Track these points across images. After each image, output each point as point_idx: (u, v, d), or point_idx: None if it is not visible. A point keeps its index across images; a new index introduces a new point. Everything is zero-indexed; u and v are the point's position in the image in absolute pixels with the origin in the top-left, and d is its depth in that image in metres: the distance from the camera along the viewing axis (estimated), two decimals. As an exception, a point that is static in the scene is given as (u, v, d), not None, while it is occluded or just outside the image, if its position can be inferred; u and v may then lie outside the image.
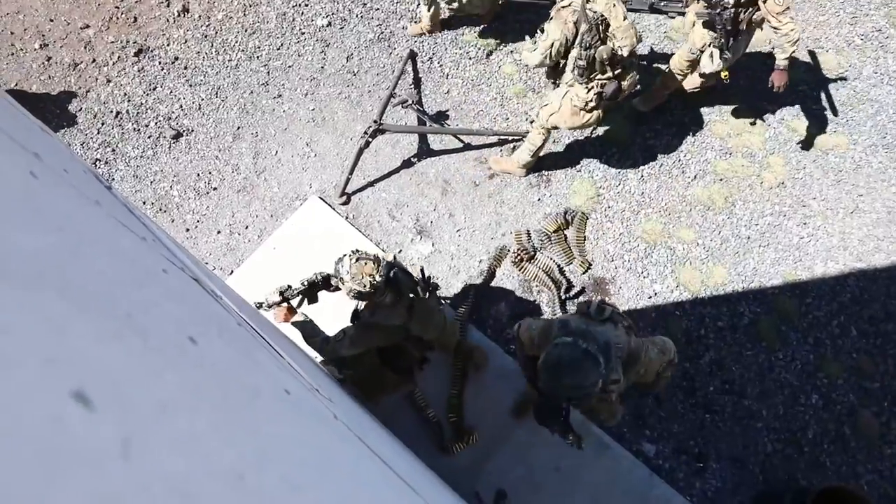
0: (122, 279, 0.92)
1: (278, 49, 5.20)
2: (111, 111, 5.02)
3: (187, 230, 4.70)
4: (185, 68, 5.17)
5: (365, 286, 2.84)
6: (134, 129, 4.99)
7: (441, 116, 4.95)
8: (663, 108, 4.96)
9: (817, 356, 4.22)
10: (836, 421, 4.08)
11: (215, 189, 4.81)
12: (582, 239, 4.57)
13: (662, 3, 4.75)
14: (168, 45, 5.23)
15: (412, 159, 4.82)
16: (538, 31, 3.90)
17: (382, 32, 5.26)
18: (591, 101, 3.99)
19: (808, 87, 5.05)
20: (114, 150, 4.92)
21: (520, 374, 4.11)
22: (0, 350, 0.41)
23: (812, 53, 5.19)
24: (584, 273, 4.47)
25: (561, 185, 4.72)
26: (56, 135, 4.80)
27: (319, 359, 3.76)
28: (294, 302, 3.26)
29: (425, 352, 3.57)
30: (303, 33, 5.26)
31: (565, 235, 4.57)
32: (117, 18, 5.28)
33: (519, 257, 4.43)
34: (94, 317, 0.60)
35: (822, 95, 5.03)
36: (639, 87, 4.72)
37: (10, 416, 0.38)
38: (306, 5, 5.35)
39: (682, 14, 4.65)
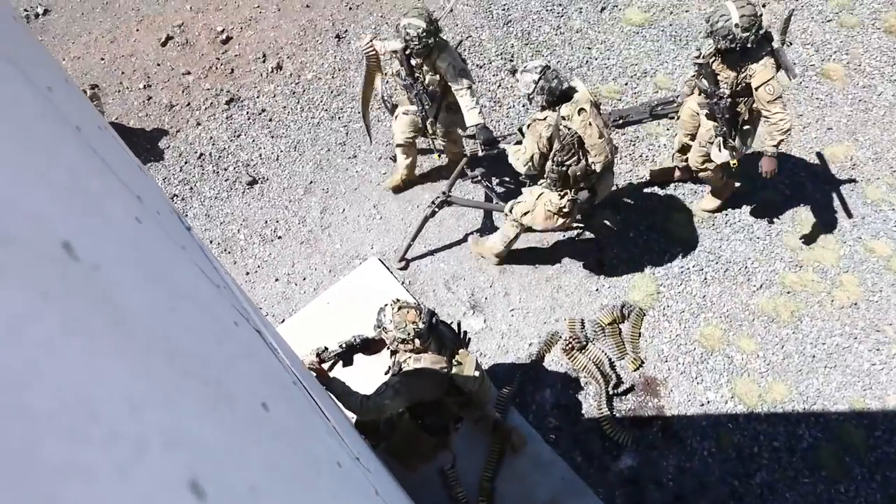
0: (207, 336, 0.92)
1: (359, 113, 5.41)
2: (196, 152, 5.28)
3: (247, 273, 4.81)
4: (270, 120, 5.42)
5: (409, 333, 2.87)
6: (213, 170, 5.22)
7: (509, 195, 4.99)
8: (733, 212, 4.89)
9: (885, 497, 3.91)
10: (899, 572, 3.74)
11: (280, 238, 4.94)
12: (637, 335, 4.45)
13: (660, 108, 4.72)
14: (258, 97, 5.52)
15: (475, 234, 4.85)
16: (519, 131, 4.01)
17: (461, 108, 5.42)
18: (565, 207, 4.01)
19: (891, 208, 4.90)
20: (191, 189, 5.14)
21: (556, 466, 3.95)
22: (137, 434, 0.41)
23: None
24: (635, 370, 4.33)
25: (621, 278, 4.65)
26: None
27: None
28: (326, 365, 3.25)
29: (462, 409, 3.46)
30: (384, 100, 5.47)
31: (620, 329, 4.46)
32: (216, 69, 5.63)
33: (570, 345, 4.34)
34: (194, 386, 0.59)
35: (903, 219, 4.88)
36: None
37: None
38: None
39: (652, 112, 4.73)
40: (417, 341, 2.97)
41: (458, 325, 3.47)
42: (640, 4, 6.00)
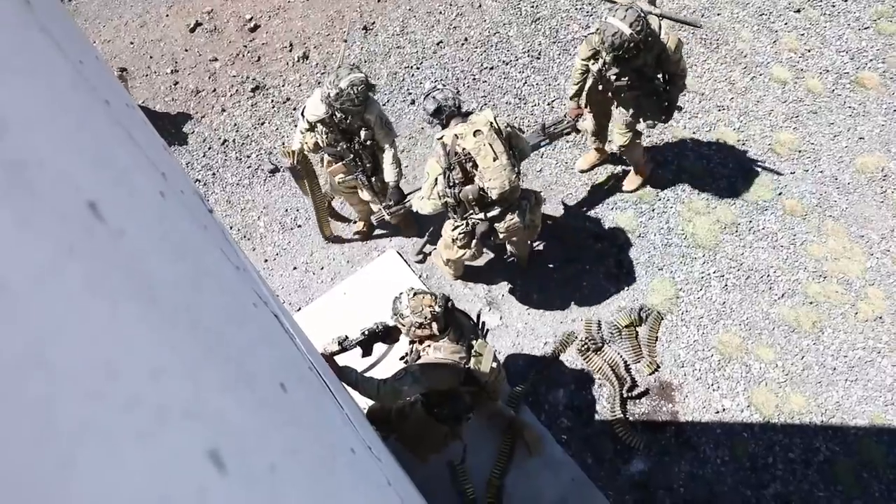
0: (229, 316, 0.92)
1: (384, 105, 5.41)
2: (219, 138, 5.32)
3: (265, 261, 4.84)
4: (294, 109, 5.44)
5: (426, 317, 2.88)
6: (236, 157, 5.25)
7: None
8: (757, 219, 4.82)
9: (901, 515, 3.84)
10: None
11: (300, 226, 4.95)
12: (654, 339, 4.40)
13: (553, 128, 4.41)
14: (283, 86, 5.54)
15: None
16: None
17: (486, 104, 5.40)
18: (458, 239, 3.89)
19: (919, 223, 4.79)
20: (214, 174, 5.18)
21: (566, 467, 3.93)
22: (157, 401, 0.40)
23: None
24: (650, 374, 4.29)
25: (640, 281, 4.60)
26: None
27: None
28: (349, 353, 3.25)
29: (475, 399, 3.44)
30: (409, 93, 5.47)
31: (637, 332, 4.42)
32: (243, 56, 5.66)
33: (586, 346, 4.30)
34: (216, 361, 0.59)
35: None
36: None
37: (161, 483, 0.37)
38: (417, 69, 5.58)
39: (576, 130, 4.52)
40: (434, 325, 2.98)
41: (478, 314, 3.46)
42: (670, 6, 5.92)
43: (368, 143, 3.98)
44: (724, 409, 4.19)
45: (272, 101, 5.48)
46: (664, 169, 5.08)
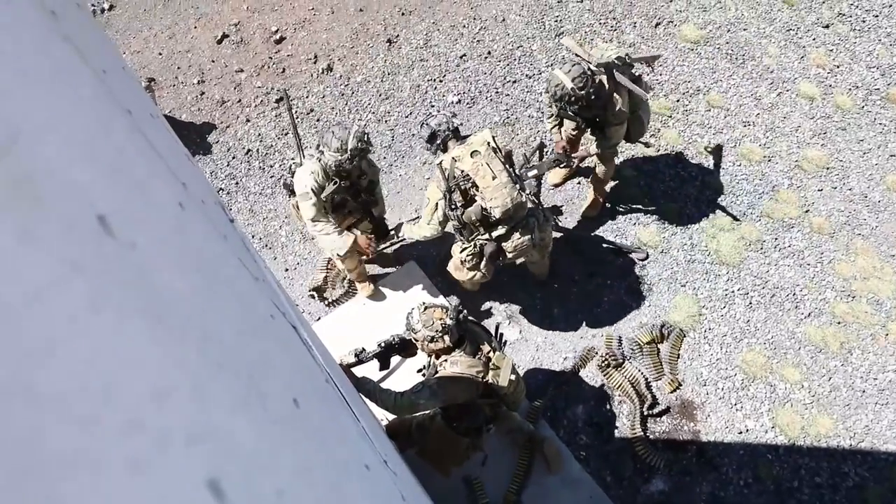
0: (244, 327, 0.90)
1: (406, 117, 5.44)
2: (244, 148, 5.38)
3: (286, 270, 4.86)
4: (318, 120, 5.48)
5: (438, 330, 2.87)
6: (260, 167, 5.30)
7: (555, 211, 4.93)
8: (783, 237, 4.73)
9: (932, 544, 3.70)
10: None
11: (321, 236, 4.97)
12: (675, 356, 4.33)
13: (523, 170, 4.12)
14: (307, 97, 5.59)
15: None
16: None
17: (508, 117, 5.40)
18: (465, 260, 3.87)
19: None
20: (237, 184, 5.23)
21: (584, 485, 3.87)
22: (158, 426, 0.38)
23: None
24: (671, 392, 4.21)
25: (662, 297, 4.54)
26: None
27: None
28: (367, 365, 3.25)
29: (494, 410, 3.40)
30: (432, 105, 5.49)
31: (658, 349, 4.35)
32: (268, 67, 5.73)
33: (606, 362, 4.25)
34: (226, 378, 0.57)
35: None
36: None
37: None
38: (440, 81, 5.60)
39: (560, 162, 4.43)
40: (447, 338, 2.96)
41: (497, 327, 3.44)
42: (696, 21, 5.88)
43: (365, 184, 3.99)
44: (747, 430, 4.10)
45: (296, 111, 5.53)
46: (688, 185, 5.02)
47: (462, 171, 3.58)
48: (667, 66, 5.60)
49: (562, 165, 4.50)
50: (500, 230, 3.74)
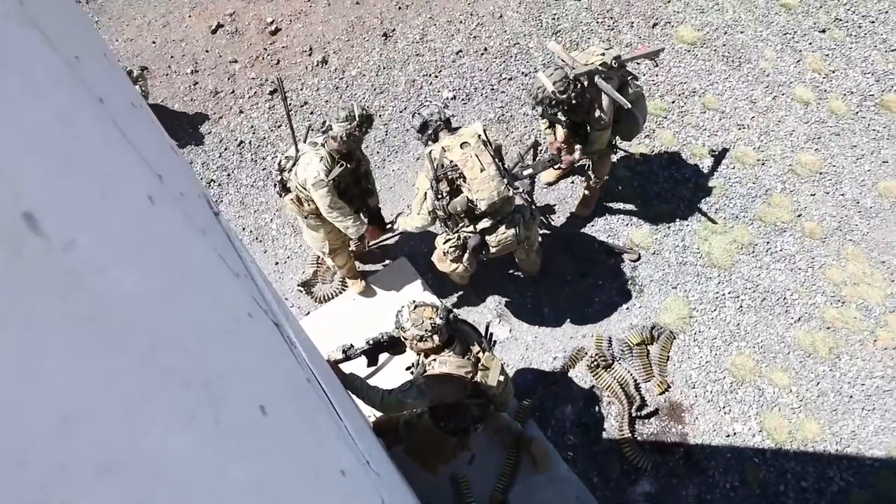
0: (209, 329, 0.86)
1: (401, 112, 5.40)
2: (236, 139, 5.33)
3: (276, 263, 4.82)
4: (311, 113, 5.44)
5: (427, 329, 2.84)
6: (252, 159, 5.25)
7: (548, 209, 4.91)
8: (775, 241, 4.73)
9: (915, 551, 3.72)
10: None
11: (312, 230, 4.93)
12: (665, 358, 4.32)
13: (517, 169, 4.16)
14: (301, 89, 5.55)
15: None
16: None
17: (503, 114, 5.37)
18: (449, 252, 3.87)
19: (942, 250, 4.68)
20: (229, 175, 5.18)
21: (571, 485, 3.86)
22: (57, 457, 0.34)
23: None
24: (660, 394, 4.21)
25: (653, 298, 4.53)
26: (182, 153, 5.13)
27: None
28: (355, 362, 3.21)
29: (482, 410, 3.38)
30: (427, 101, 5.45)
31: (648, 351, 4.34)
32: (263, 59, 5.68)
33: (595, 363, 4.23)
34: (172, 390, 0.53)
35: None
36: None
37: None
38: (436, 77, 5.56)
39: (554, 163, 4.43)
40: (436, 338, 2.93)
41: (487, 326, 3.42)
42: (693, 23, 5.87)
43: (363, 171, 3.98)
44: (735, 433, 4.10)
45: (290, 104, 5.48)
46: (681, 186, 5.01)
47: (451, 161, 3.57)
48: (663, 66, 5.59)
49: (556, 166, 4.50)
50: (485, 223, 3.73)
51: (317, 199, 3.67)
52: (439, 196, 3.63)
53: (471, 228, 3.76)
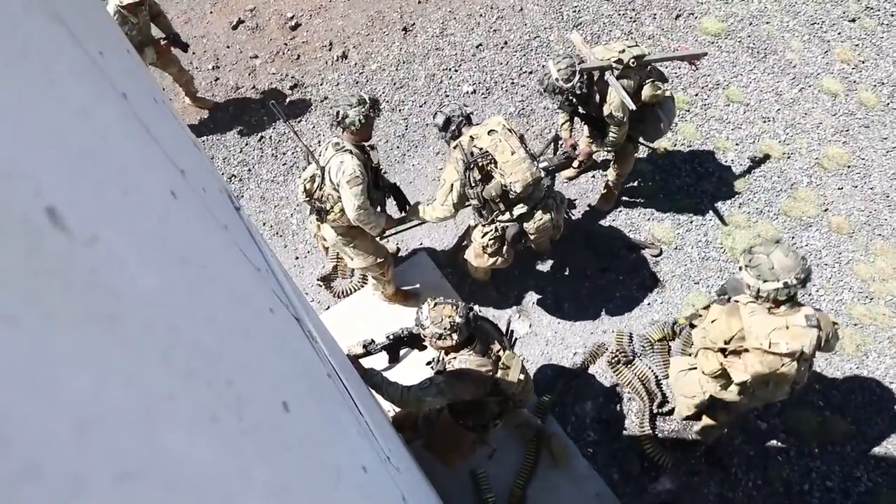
0: (231, 326, 0.85)
1: (421, 107, 5.39)
2: (257, 134, 5.36)
3: (296, 258, 4.85)
4: (332, 108, 5.44)
5: (446, 328, 2.83)
6: (272, 154, 5.28)
7: (568, 204, 4.87)
8: (801, 235, 4.64)
9: (944, 552, 3.64)
10: None
11: (332, 225, 4.95)
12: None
13: (541, 158, 4.22)
14: (321, 84, 5.56)
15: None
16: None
17: (524, 109, 5.33)
18: (488, 245, 3.83)
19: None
20: (250, 170, 5.22)
21: (591, 482, 3.84)
22: (71, 467, 0.33)
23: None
24: (682, 391, 4.15)
25: (675, 294, 4.48)
26: (203, 148, 5.18)
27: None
28: (375, 357, 3.22)
29: (501, 407, 3.37)
30: (447, 96, 5.44)
31: (669, 347, 4.29)
32: (283, 54, 5.70)
33: (616, 359, 4.20)
34: (194, 390, 0.52)
35: None
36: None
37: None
38: (456, 71, 5.54)
39: (570, 162, 4.45)
40: (455, 336, 2.92)
41: (508, 323, 3.41)
42: (717, 14, 5.77)
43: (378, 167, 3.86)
44: (758, 431, 4.04)
45: (310, 98, 5.50)
46: (704, 180, 4.94)
47: (480, 148, 3.57)
48: (686, 59, 5.50)
49: (572, 165, 4.47)
50: (521, 209, 3.72)
51: (349, 198, 3.47)
52: (473, 184, 3.63)
53: (507, 216, 3.75)
